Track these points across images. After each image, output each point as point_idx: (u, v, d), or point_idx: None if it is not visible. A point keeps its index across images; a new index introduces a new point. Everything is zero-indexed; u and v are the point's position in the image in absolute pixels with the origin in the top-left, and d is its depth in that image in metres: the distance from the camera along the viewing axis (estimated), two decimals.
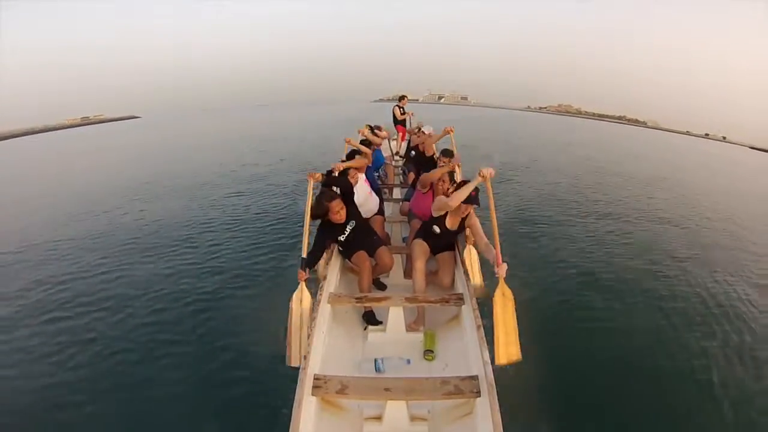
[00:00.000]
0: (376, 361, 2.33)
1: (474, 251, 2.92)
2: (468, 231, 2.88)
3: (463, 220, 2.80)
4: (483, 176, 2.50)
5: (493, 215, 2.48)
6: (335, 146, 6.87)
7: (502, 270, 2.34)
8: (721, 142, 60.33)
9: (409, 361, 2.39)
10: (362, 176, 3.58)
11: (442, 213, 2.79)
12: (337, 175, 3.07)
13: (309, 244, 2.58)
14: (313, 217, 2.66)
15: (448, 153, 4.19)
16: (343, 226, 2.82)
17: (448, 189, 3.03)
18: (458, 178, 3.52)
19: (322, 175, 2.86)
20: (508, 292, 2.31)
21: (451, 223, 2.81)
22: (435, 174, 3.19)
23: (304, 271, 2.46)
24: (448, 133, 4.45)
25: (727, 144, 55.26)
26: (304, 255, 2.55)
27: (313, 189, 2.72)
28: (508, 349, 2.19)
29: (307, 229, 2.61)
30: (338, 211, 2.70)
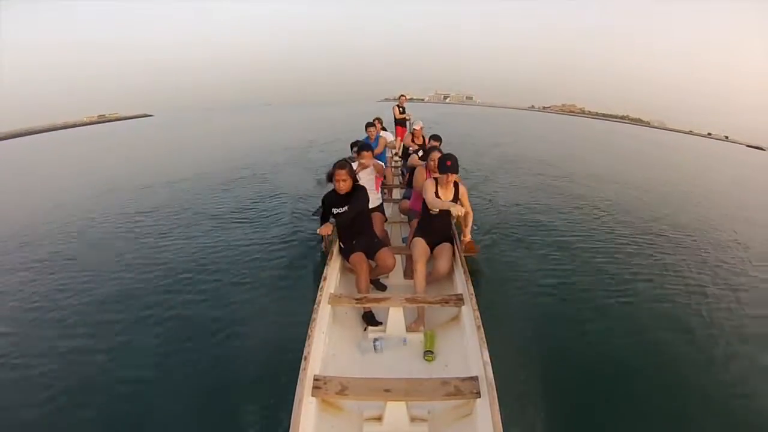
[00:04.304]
0: (374, 341, 2.48)
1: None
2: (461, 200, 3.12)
3: (455, 189, 3.06)
4: (457, 210, 2.81)
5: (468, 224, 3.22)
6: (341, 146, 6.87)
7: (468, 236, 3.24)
8: (723, 141, 60.17)
9: (405, 340, 2.57)
10: (372, 168, 3.65)
11: (434, 190, 2.99)
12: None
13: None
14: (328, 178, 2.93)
15: (437, 138, 4.45)
16: (342, 201, 2.91)
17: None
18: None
19: (332, 227, 2.93)
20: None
21: (445, 195, 3.01)
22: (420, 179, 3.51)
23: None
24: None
25: (729, 143, 55.14)
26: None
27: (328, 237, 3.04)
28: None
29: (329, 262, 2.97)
30: (340, 181, 2.83)
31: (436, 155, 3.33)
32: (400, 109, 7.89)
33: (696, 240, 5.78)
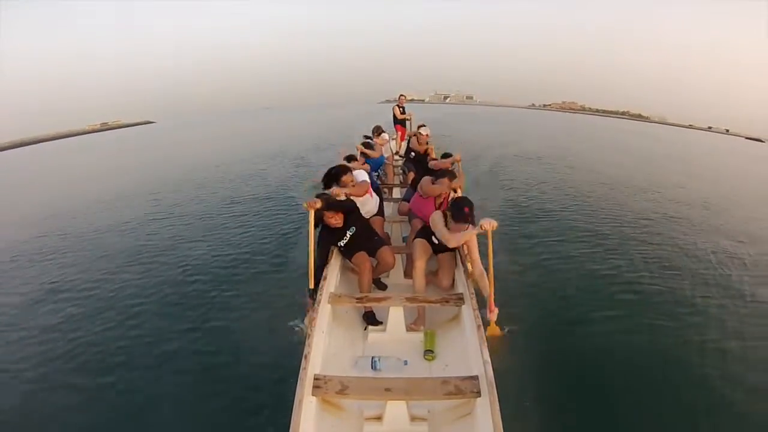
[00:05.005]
0: (372, 359, 2.33)
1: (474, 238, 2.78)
2: (465, 249, 2.78)
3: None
4: (484, 228, 2.48)
5: (491, 263, 2.48)
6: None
7: (493, 315, 2.34)
8: (723, 134, 59.97)
9: (406, 362, 2.38)
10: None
11: (443, 223, 2.70)
12: (336, 197, 2.88)
13: (314, 277, 2.58)
14: (316, 223, 2.68)
15: (448, 155, 4.30)
16: (342, 231, 2.83)
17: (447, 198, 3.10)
18: (459, 191, 3.57)
19: (322, 201, 2.63)
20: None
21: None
22: (435, 190, 3.19)
23: (312, 300, 2.47)
24: (456, 162, 4.24)
25: (729, 136, 54.86)
26: (311, 286, 2.55)
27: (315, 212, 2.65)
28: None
29: (312, 259, 2.58)
30: (331, 218, 2.72)
31: (445, 182, 3.17)
32: (401, 109, 7.93)
33: (695, 236, 5.77)
